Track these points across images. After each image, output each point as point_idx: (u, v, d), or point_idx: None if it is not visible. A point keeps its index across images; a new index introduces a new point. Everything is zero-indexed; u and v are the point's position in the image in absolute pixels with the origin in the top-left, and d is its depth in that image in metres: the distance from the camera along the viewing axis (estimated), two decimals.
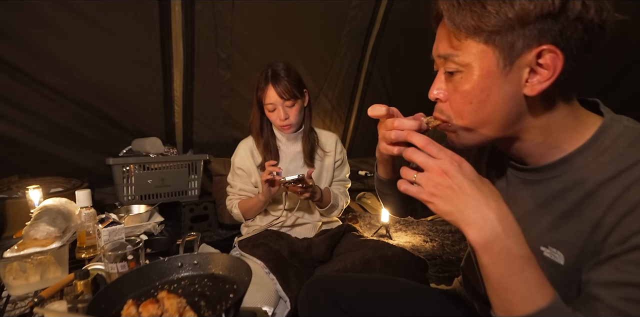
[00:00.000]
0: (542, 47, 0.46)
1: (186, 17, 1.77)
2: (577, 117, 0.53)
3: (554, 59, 0.46)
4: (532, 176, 0.58)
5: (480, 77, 0.50)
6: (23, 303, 0.83)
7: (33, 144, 1.73)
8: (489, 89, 0.50)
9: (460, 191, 0.47)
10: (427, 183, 0.49)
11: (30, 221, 1.06)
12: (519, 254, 0.46)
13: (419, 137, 0.51)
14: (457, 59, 0.51)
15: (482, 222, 0.46)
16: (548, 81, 0.47)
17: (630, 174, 0.47)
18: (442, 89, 0.55)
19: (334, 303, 0.80)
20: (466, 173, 0.48)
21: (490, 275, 0.47)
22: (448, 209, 0.48)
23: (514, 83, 0.49)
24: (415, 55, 2.51)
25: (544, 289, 0.46)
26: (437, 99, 0.57)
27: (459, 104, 0.53)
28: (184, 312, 0.56)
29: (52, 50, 1.59)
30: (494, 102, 0.50)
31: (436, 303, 0.80)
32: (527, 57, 0.47)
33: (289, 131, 1.31)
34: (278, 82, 1.21)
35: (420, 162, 0.50)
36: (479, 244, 0.46)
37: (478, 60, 0.49)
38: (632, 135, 0.50)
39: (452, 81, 0.53)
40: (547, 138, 0.53)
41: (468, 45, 0.49)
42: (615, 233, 0.46)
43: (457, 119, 0.55)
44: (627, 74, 2.79)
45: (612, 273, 0.45)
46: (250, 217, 1.39)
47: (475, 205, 0.46)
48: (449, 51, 0.52)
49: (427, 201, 0.49)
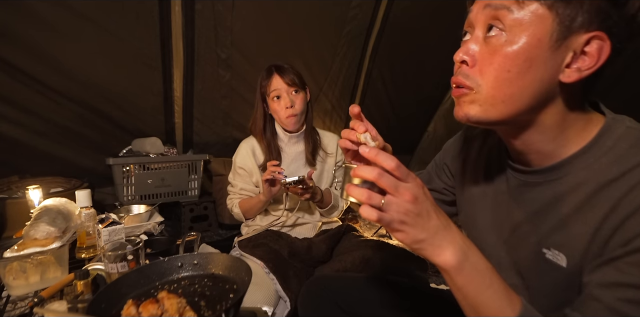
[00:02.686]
0: (595, 33, 0.45)
1: (186, 17, 1.77)
2: (587, 117, 0.53)
3: (601, 48, 0.45)
4: (534, 178, 0.57)
5: (529, 44, 0.46)
6: (23, 303, 0.83)
7: (33, 144, 1.73)
8: (532, 60, 0.46)
9: (428, 217, 0.45)
10: (397, 210, 0.44)
11: (30, 221, 1.06)
12: (485, 267, 0.47)
13: (387, 159, 0.44)
14: (511, 16, 0.46)
15: (452, 245, 0.46)
16: (588, 70, 0.46)
17: (632, 176, 0.46)
18: (474, 52, 0.50)
19: (334, 303, 0.80)
20: (429, 197, 0.46)
21: (467, 294, 0.47)
22: (420, 237, 0.45)
23: (557, 63, 0.47)
24: (415, 55, 2.53)
25: (513, 296, 0.47)
26: (463, 62, 0.51)
27: (495, 70, 0.48)
28: (184, 312, 0.56)
29: (52, 50, 1.59)
30: (532, 76, 0.47)
31: (436, 303, 0.80)
32: (578, 38, 0.46)
33: (292, 125, 1.28)
34: (283, 72, 1.25)
35: (388, 186, 0.43)
36: (453, 266, 0.45)
37: (534, 25, 0.46)
38: (634, 136, 0.49)
39: (491, 43, 0.48)
40: (559, 135, 0.53)
41: (530, 4, 0.46)
42: (618, 235, 0.45)
43: (487, 87, 0.49)
44: (627, 74, 2.79)
45: (613, 274, 0.45)
46: (251, 217, 1.39)
47: (442, 229, 0.46)
48: (507, 4, 0.46)
49: (397, 230, 0.45)
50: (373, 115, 2.78)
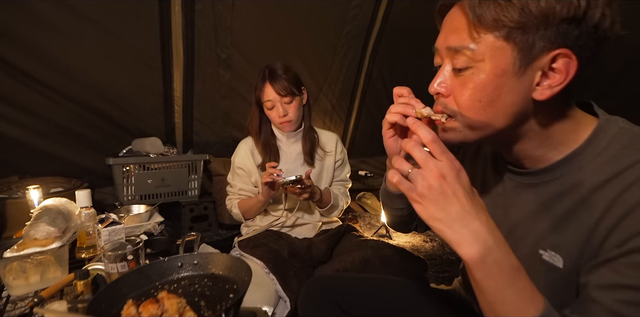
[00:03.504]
0: (559, 51, 0.45)
1: (186, 17, 1.77)
2: (575, 120, 0.53)
3: (567, 64, 0.46)
4: (530, 180, 0.57)
5: (494, 75, 0.48)
6: (23, 303, 0.83)
7: (33, 144, 1.73)
8: (500, 88, 0.48)
9: (455, 198, 0.44)
10: (421, 183, 0.45)
11: (30, 221, 1.06)
12: (510, 266, 0.45)
13: (426, 131, 0.46)
14: (470, 54, 0.48)
15: (474, 236, 0.44)
16: (559, 86, 0.47)
17: (626, 176, 0.46)
18: (446, 83, 0.53)
19: (334, 303, 0.80)
20: (463, 182, 0.45)
21: (484, 289, 0.46)
22: (437, 215, 0.45)
23: (526, 86, 0.48)
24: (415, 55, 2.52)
25: (536, 298, 0.46)
26: (438, 94, 0.54)
27: (467, 101, 0.51)
28: (184, 312, 0.56)
29: (52, 50, 1.59)
30: (503, 102, 0.49)
31: (436, 303, 0.80)
32: (542, 59, 0.46)
33: (288, 129, 1.30)
34: (275, 80, 1.22)
35: (419, 159, 0.45)
36: (472, 259, 0.44)
37: (494, 57, 0.47)
38: (627, 136, 0.50)
39: (460, 76, 0.51)
40: (545, 141, 0.53)
41: (486, 39, 0.47)
42: (613, 236, 0.46)
43: (462, 115, 0.52)
44: (627, 74, 2.79)
45: (610, 276, 0.45)
46: (250, 217, 1.39)
47: (466, 217, 0.44)
48: (463, 43, 0.49)
49: (416, 201, 0.46)
50: (373, 115, 2.78)
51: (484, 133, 0.53)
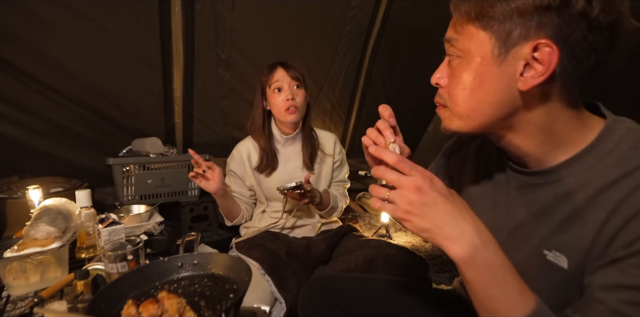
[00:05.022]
0: (539, 41, 0.46)
1: (186, 17, 1.77)
2: (582, 120, 0.53)
3: (549, 54, 0.46)
4: (535, 180, 0.57)
5: (475, 63, 0.51)
6: (23, 303, 0.83)
7: (33, 144, 1.73)
8: (482, 76, 0.51)
9: (436, 206, 0.46)
10: (401, 201, 0.47)
11: (30, 221, 1.06)
12: (499, 264, 0.46)
13: (389, 155, 0.49)
14: (457, 44, 0.52)
15: (462, 237, 0.45)
16: (542, 77, 0.47)
17: (634, 177, 0.46)
18: (443, 74, 0.56)
19: (334, 303, 0.80)
20: (439, 189, 0.47)
21: (476, 288, 0.47)
22: (425, 226, 0.46)
23: (509, 75, 0.49)
24: (416, 55, 2.52)
25: (526, 298, 0.46)
26: (437, 84, 0.58)
27: (454, 90, 0.54)
28: (184, 312, 0.56)
29: (52, 50, 1.59)
30: (485, 90, 0.51)
31: (436, 303, 0.80)
32: (523, 48, 0.47)
33: (292, 117, 1.24)
34: (286, 66, 1.25)
35: (392, 180, 0.48)
36: (461, 259, 0.46)
37: (475, 47, 0.50)
38: (635, 137, 0.49)
39: (451, 67, 0.54)
40: (549, 139, 0.53)
41: (468, 30, 0.51)
42: (620, 237, 0.45)
43: (451, 104, 0.55)
44: (627, 74, 2.78)
45: (616, 276, 0.45)
46: (235, 219, 1.35)
47: (452, 220, 0.46)
48: (452, 35, 0.53)
49: (403, 219, 0.48)
50: (373, 115, 2.78)
51: (474, 123, 0.54)
